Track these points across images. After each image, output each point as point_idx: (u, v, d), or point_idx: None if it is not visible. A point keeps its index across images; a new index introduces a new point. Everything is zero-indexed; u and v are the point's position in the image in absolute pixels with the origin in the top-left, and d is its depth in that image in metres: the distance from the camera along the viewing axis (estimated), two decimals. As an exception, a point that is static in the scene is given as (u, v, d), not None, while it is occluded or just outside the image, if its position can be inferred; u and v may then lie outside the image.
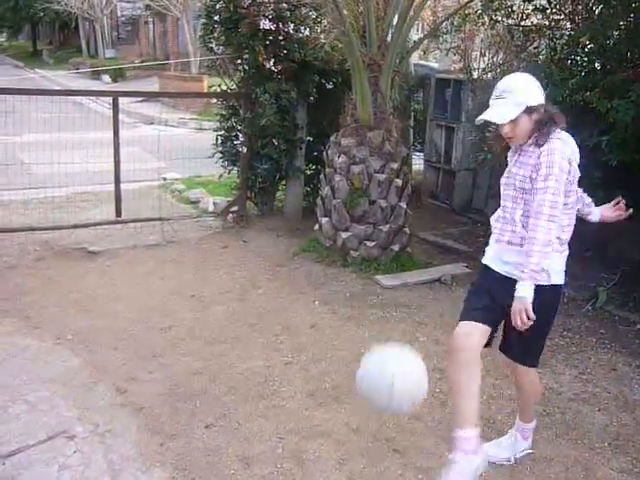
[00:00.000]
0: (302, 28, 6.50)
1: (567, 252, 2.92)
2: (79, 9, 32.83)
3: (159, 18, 32.04)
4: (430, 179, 8.62)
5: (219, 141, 7.21)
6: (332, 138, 6.10)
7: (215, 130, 7.32)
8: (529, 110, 2.78)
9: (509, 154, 3.01)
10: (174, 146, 8.15)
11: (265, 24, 6.24)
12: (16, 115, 7.84)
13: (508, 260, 2.89)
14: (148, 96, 16.25)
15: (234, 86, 7.11)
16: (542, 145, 2.76)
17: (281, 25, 6.37)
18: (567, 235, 2.91)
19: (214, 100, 17.95)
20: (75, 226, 6.37)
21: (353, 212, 5.85)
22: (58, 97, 7.21)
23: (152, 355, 4.19)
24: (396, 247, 5.97)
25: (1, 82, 15.38)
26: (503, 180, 2.98)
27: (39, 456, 3.14)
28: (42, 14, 39.05)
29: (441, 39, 8.28)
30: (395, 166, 5.89)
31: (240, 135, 6.96)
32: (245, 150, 6.79)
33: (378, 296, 5.37)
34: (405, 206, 6.03)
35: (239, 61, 6.90)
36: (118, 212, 6.46)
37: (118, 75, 26.71)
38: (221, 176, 7.48)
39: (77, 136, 9.78)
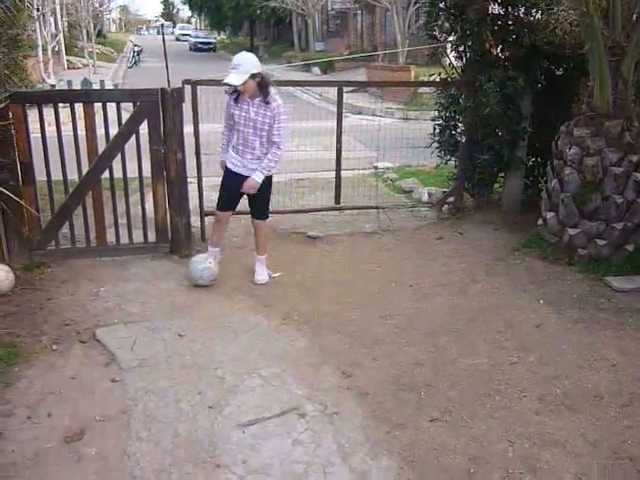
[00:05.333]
0: (534, 11, 6.13)
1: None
2: (293, 5, 34.50)
3: (367, 10, 32.60)
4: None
5: (437, 130, 7.08)
6: (563, 128, 5.71)
7: (433, 119, 7.20)
8: (253, 76, 4.56)
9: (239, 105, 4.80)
10: (382, 135, 8.20)
11: (494, 8, 5.99)
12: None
13: (250, 167, 4.90)
14: (371, 86, 16.63)
15: (454, 74, 6.93)
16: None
17: (511, 9, 6.07)
18: None
19: (421, 90, 18.05)
20: (297, 211, 6.66)
21: (583, 207, 5.43)
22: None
23: (374, 342, 4.23)
24: (631, 247, 5.44)
25: (223, 76, 16.59)
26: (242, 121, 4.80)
27: (274, 429, 3.29)
28: (259, 11, 41.62)
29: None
30: (635, 159, 5.35)
31: (460, 125, 6.77)
32: (465, 140, 6.61)
33: (609, 299, 4.94)
34: (643, 203, 5.47)
35: (462, 48, 6.71)
36: (337, 199, 6.61)
37: (327, 67, 27.65)
38: (437, 166, 7.37)
39: (291, 125, 10.26)
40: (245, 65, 4.55)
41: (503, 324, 4.49)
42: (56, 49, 25.18)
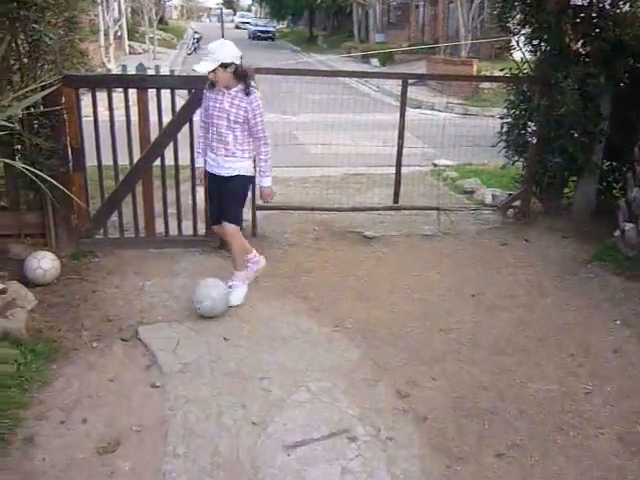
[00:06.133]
0: (621, 3, 5.64)
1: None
2: (355, -5, 34.04)
3: (430, 2, 31.87)
4: None
5: (504, 129, 6.65)
6: (648, 131, 5.23)
7: (501, 117, 6.77)
8: (224, 65, 4.12)
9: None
10: (441, 131, 7.81)
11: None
12: (293, 95, 8.03)
13: (225, 165, 4.38)
14: (436, 79, 16.07)
15: (527, 70, 6.48)
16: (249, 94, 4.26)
17: (595, 0, 5.59)
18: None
19: (482, 85, 17.41)
20: (354, 209, 6.34)
21: (668, 220, 4.96)
22: (329, 80, 7.20)
23: (433, 358, 3.89)
24: None
25: (281, 65, 16.38)
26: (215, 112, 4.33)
27: (322, 453, 3.01)
28: (320, 1, 41.27)
29: None
30: None
31: (530, 124, 6.33)
32: (535, 141, 6.17)
33: (696, 323, 4.47)
34: None
35: (536, 42, 6.27)
36: (396, 198, 6.27)
37: (387, 59, 27.13)
38: (504, 167, 6.93)
39: (347, 117, 9.91)
40: (217, 53, 4.14)
41: (575, 346, 4.09)
42: (118, 34, 25.37)
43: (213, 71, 4.15)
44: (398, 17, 38.40)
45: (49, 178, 3.82)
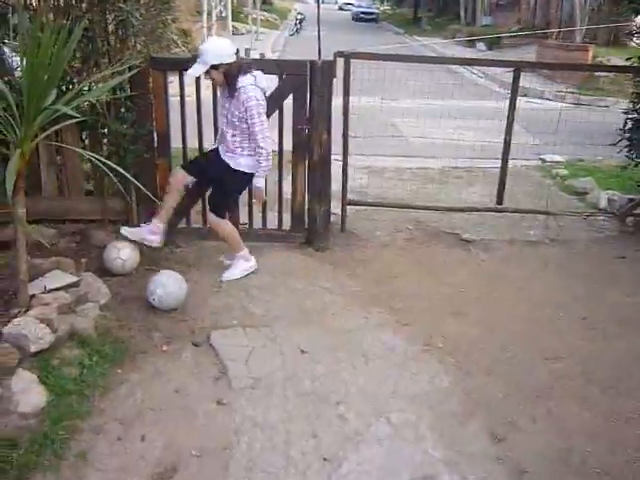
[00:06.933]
0: None
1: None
2: (463, -25, 32.70)
3: (544, -18, 30.12)
4: None
5: (628, 125, 5.92)
6: None
7: (625, 112, 6.04)
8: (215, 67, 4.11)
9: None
10: (550, 122, 7.08)
11: None
12: (393, 81, 7.52)
13: (227, 160, 4.41)
14: (554, 68, 14.85)
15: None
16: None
17: None
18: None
19: (597, 73, 16.10)
20: (452, 209, 5.82)
21: None
22: (432, 65, 6.69)
23: (535, 394, 3.38)
24: None
25: (382, 48, 15.79)
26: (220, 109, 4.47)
27: (400, 505, 2.61)
28: (427, -19, 40.00)
29: None
30: None
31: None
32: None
33: None
34: None
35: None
36: (499, 198, 5.68)
37: (494, 43, 25.88)
38: (625, 168, 6.20)
39: (449, 104, 9.29)
40: (205, 55, 4.11)
41: None
42: (222, 14, 25.51)
43: (207, 73, 4.17)
44: (508, -2, 36.64)
45: (121, 169, 3.57)
